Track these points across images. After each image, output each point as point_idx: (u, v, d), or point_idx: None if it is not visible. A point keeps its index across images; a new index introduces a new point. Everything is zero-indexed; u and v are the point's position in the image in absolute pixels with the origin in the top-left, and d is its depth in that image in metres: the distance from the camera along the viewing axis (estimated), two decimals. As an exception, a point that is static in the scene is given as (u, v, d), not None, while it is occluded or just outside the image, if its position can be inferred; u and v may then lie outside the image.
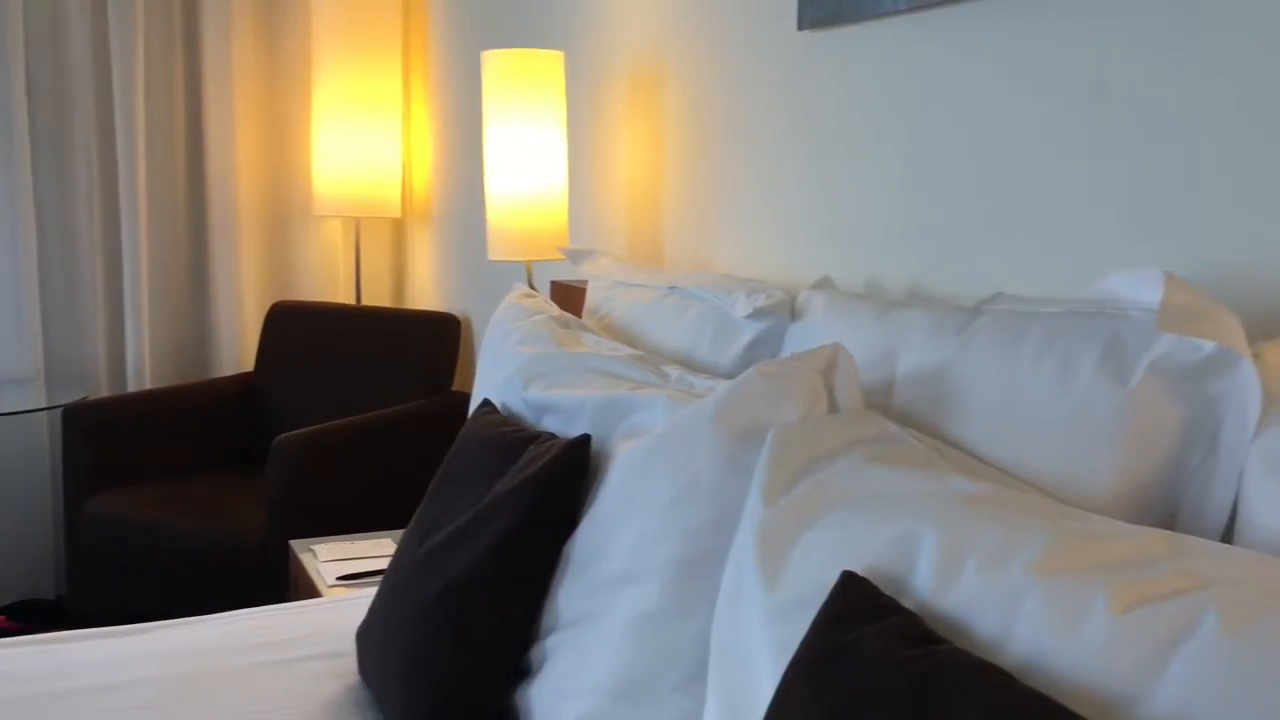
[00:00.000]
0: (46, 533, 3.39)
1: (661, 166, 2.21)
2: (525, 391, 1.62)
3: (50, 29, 3.29)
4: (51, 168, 3.33)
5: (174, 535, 2.78)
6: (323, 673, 1.58)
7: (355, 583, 2.15)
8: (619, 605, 1.23)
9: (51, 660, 1.64)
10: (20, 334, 3.29)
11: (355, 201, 3.38)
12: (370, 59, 3.36)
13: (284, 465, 2.67)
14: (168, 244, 3.47)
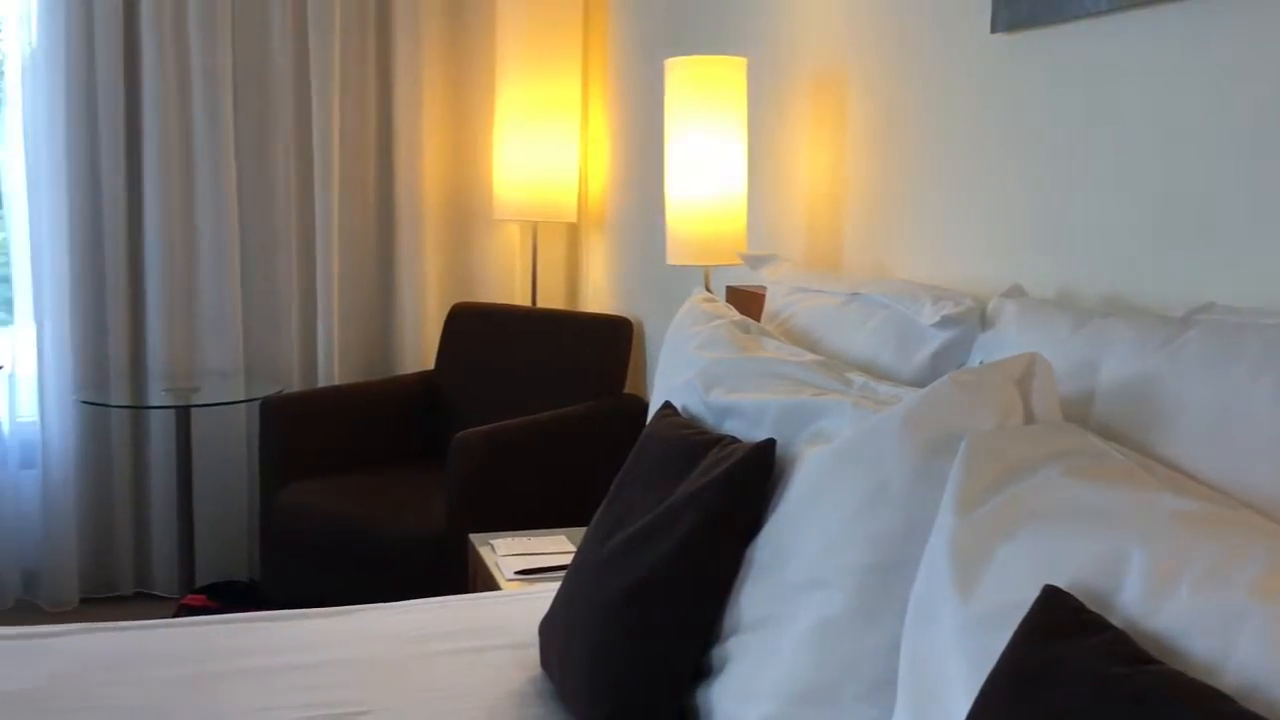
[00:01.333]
0: (242, 518, 3.59)
1: (842, 172, 2.20)
2: (707, 395, 1.64)
3: (255, 47, 3.49)
4: (254, 178, 3.53)
5: (359, 526, 2.90)
6: (507, 663, 1.63)
7: (533, 577, 2.20)
8: (803, 610, 1.23)
9: (251, 638, 1.74)
10: (223, 331, 3.50)
11: (533, 206, 3.47)
12: (551, 68, 3.44)
13: (464, 461, 2.75)
14: (357, 248, 3.63)
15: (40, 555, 3.45)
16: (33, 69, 3.32)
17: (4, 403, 3.42)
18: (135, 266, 3.46)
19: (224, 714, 1.47)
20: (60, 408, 3.40)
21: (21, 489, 3.45)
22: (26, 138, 3.35)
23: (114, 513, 3.51)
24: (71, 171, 3.34)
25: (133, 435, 3.51)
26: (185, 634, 1.74)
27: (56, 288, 3.37)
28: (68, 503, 3.42)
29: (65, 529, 3.42)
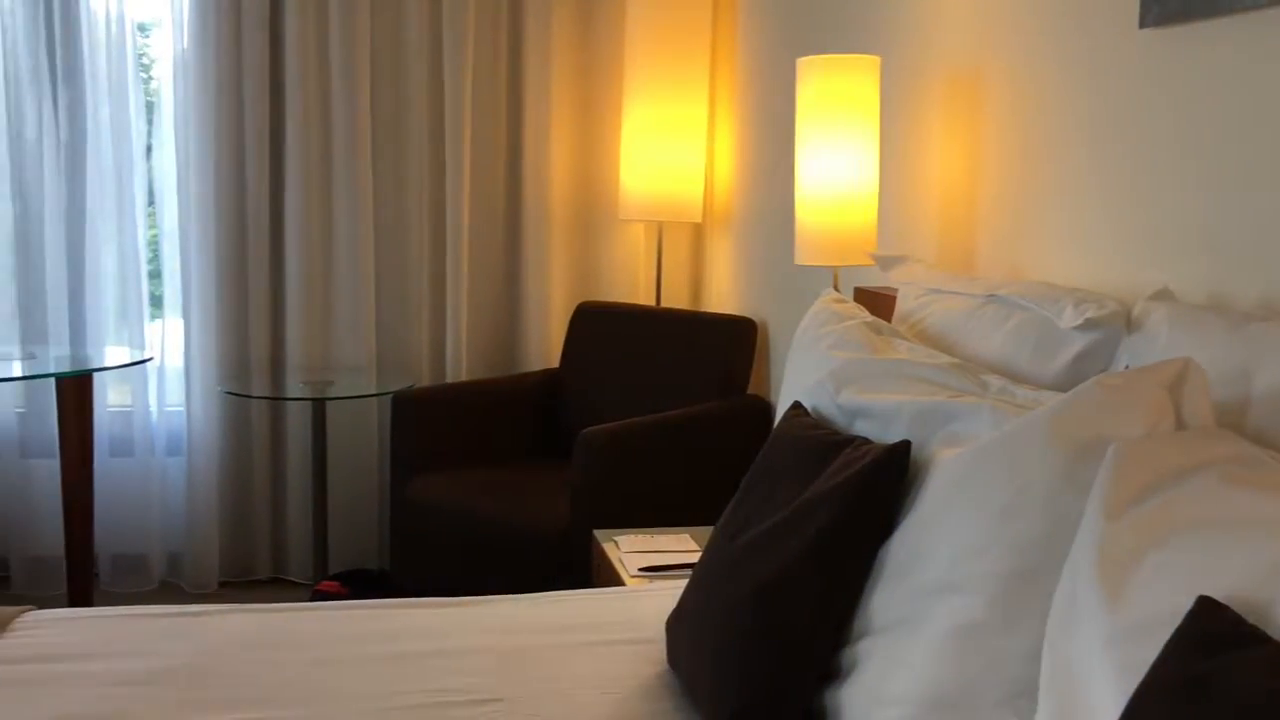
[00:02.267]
0: (372, 508, 3.69)
1: (977, 171, 2.16)
2: (837, 396, 1.63)
3: (392, 52, 3.59)
4: (388, 180, 3.63)
5: (484, 519, 2.96)
6: (634, 657, 1.65)
7: (657, 574, 2.22)
8: (938, 614, 1.21)
9: (387, 624, 1.79)
10: (357, 327, 3.61)
11: (658, 206, 3.49)
12: (679, 68, 3.46)
13: (588, 457, 2.79)
14: (486, 247, 3.70)
15: (184, 539, 3.61)
16: (184, 72, 3.47)
17: (153, 392, 3.58)
18: (276, 264, 3.59)
19: (362, 695, 1.52)
20: (204, 398, 3.55)
21: (168, 475, 3.61)
22: (178, 139, 3.51)
23: (253, 500, 3.64)
24: (219, 172, 3.49)
25: (271, 425, 3.64)
26: (326, 617, 1.80)
27: (203, 284, 3.52)
28: (210, 489, 3.56)
29: (207, 514, 3.57)
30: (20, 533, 3.52)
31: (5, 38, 3.41)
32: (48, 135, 3.43)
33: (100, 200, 3.48)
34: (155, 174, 3.60)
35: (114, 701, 1.49)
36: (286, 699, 1.50)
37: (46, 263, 3.47)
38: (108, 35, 3.43)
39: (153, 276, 3.66)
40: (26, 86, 3.42)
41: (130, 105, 3.47)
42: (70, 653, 1.63)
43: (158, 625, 1.74)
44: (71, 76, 3.44)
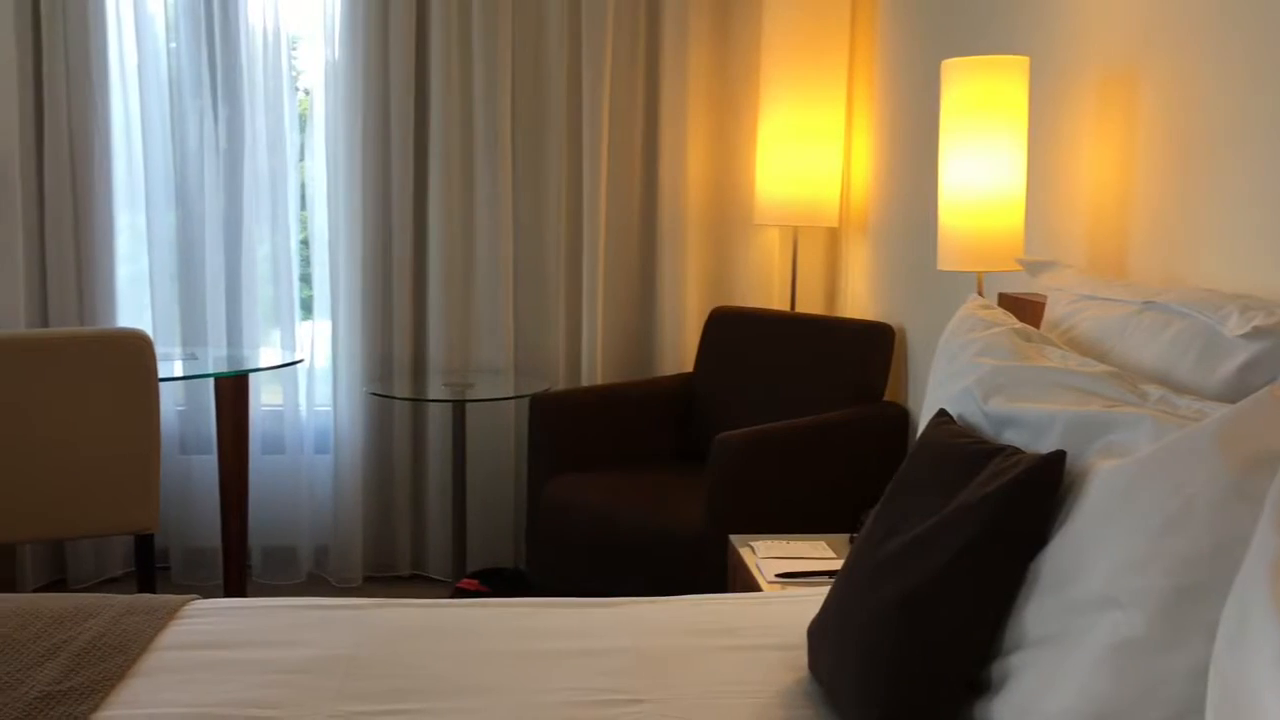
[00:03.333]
0: (509, 508, 3.77)
1: (1130, 175, 2.09)
2: (985, 403, 1.60)
3: (532, 61, 3.66)
4: (527, 186, 3.70)
5: (620, 521, 2.99)
6: (775, 663, 1.65)
7: (794, 581, 2.21)
8: (1095, 630, 1.18)
9: (533, 622, 1.83)
10: (496, 330, 3.69)
11: (794, 211, 3.47)
12: (816, 72, 3.44)
13: (723, 462, 2.79)
14: (622, 252, 3.74)
15: (330, 534, 3.74)
16: (334, 83, 3.61)
17: (303, 392, 3.72)
18: (419, 269, 3.70)
19: (511, 690, 1.56)
20: (350, 398, 3.68)
21: (316, 472, 3.75)
22: (328, 147, 3.64)
23: (395, 497, 3.76)
24: (366, 180, 3.61)
25: (413, 425, 3.75)
26: (473, 614, 1.85)
27: (350, 288, 3.64)
28: (355, 487, 3.69)
29: (352, 511, 3.69)
30: (179, 525, 3.70)
31: (170, 54, 3.59)
32: (208, 145, 3.61)
33: (255, 207, 3.64)
34: (307, 181, 3.75)
35: (277, 689, 1.55)
36: (439, 692, 1.55)
37: (206, 267, 3.64)
38: (264, 49, 3.58)
39: (303, 280, 3.80)
40: (189, 99, 3.60)
41: (284, 115, 3.62)
42: (235, 640, 1.71)
43: (316, 616, 1.82)
44: (230, 89, 3.60)
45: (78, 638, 1.66)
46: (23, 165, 3.48)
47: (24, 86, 3.46)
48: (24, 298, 3.51)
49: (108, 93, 3.54)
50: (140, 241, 3.65)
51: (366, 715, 1.48)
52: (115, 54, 3.55)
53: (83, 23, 3.48)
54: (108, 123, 3.55)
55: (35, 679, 1.52)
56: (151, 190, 3.61)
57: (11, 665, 1.57)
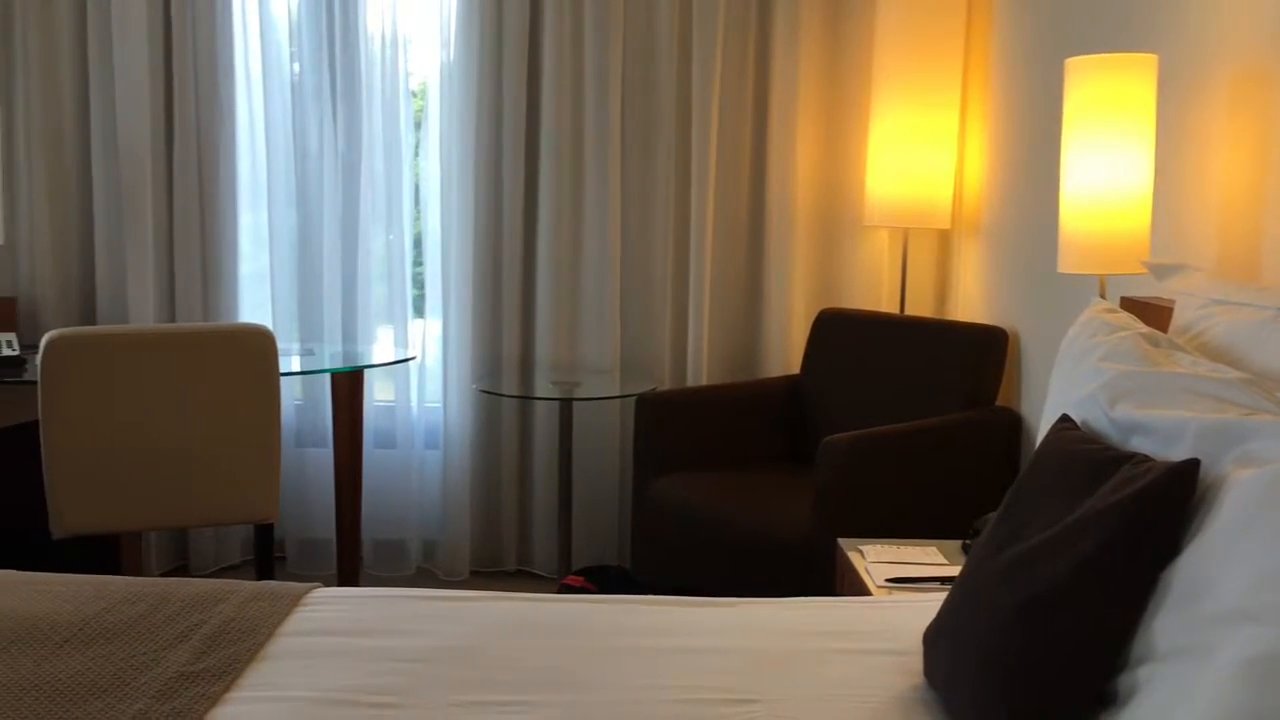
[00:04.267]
0: (613, 506, 3.79)
1: (1264, 175, 2.02)
2: (1111, 410, 1.56)
3: (643, 62, 3.68)
4: (636, 187, 3.72)
5: (725, 521, 2.99)
6: (889, 668, 1.63)
7: (905, 586, 2.19)
8: (1231, 644, 1.15)
9: (643, 620, 1.84)
10: (603, 330, 3.72)
11: (905, 212, 3.43)
12: (930, 70, 3.39)
13: (831, 465, 2.77)
14: (728, 253, 3.74)
15: (439, 528, 3.81)
16: (449, 84, 3.68)
17: (414, 388, 3.80)
18: (528, 269, 3.75)
19: (623, 686, 1.57)
20: (460, 394, 3.74)
21: (426, 467, 3.82)
22: (442, 147, 3.71)
23: (501, 494, 3.81)
24: (478, 180, 3.67)
25: (520, 423, 3.80)
26: (584, 610, 1.87)
27: (460, 286, 3.71)
28: (463, 482, 3.75)
29: (460, 506, 3.75)
30: (295, 516, 3.81)
31: (293, 60, 3.70)
32: (327, 147, 3.71)
33: (371, 207, 3.73)
34: (420, 181, 3.83)
35: (394, 676, 1.59)
36: (552, 686, 1.57)
37: (323, 266, 3.74)
38: (382, 53, 3.67)
39: (415, 279, 3.88)
40: (310, 103, 3.71)
41: (400, 118, 3.70)
42: (356, 628, 1.76)
43: (432, 607, 1.85)
44: (349, 93, 3.70)
45: (208, 621, 1.72)
46: (154, 167, 3.62)
47: (155, 93, 3.60)
48: (154, 293, 3.65)
49: (233, 98, 3.66)
50: (261, 240, 3.77)
51: (484, 705, 1.51)
52: (241, 61, 3.67)
53: (211, 31, 3.61)
54: (233, 126, 3.68)
55: (170, 659, 1.59)
56: (273, 191, 3.72)
57: (149, 645, 1.63)
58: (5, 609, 1.74)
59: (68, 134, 3.67)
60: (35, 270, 3.68)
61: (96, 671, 1.55)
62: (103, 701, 1.46)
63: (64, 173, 3.68)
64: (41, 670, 1.54)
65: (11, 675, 1.53)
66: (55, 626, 1.68)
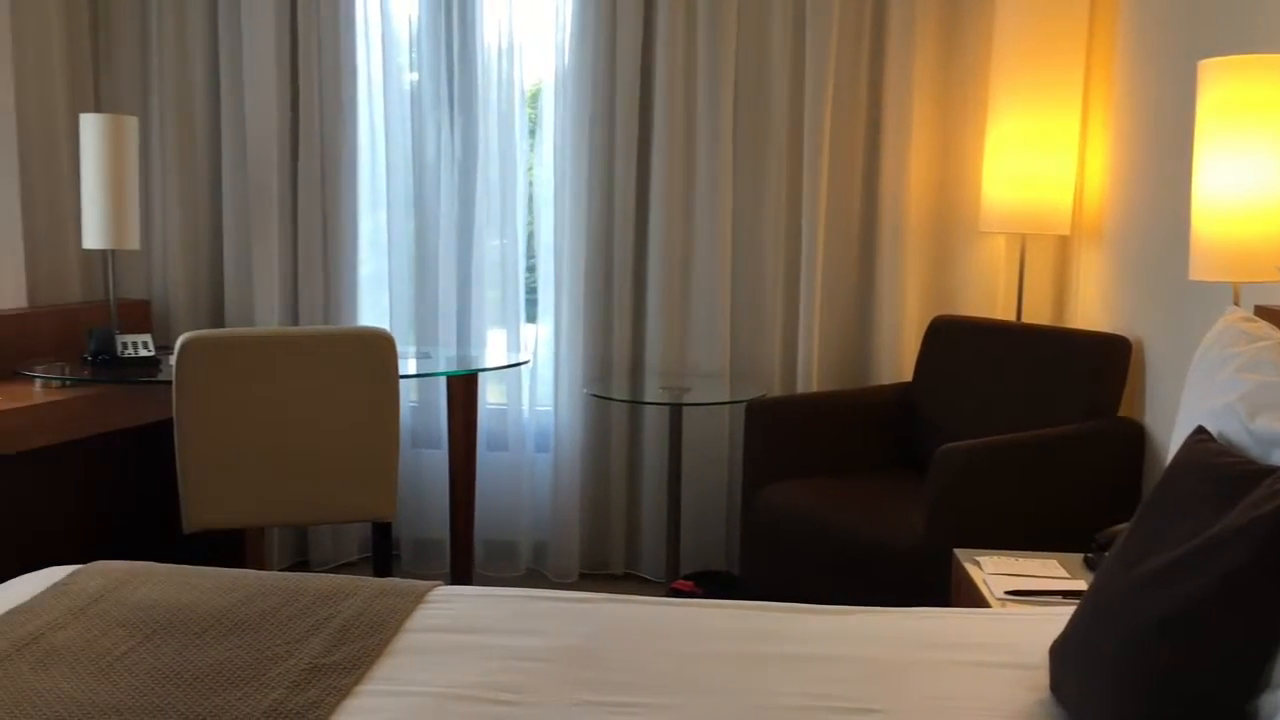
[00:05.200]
0: (721, 512, 3.80)
1: None
2: (1251, 422, 1.52)
3: (755, 67, 3.68)
4: (746, 193, 3.72)
5: (836, 529, 2.97)
6: (1013, 681, 1.61)
7: (1026, 599, 2.15)
8: (1385, 667, 1.10)
9: (760, 625, 1.84)
10: (713, 335, 3.72)
11: (1023, 218, 3.37)
12: (1049, 77, 3.32)
13: (946, 474, 2.73)
14: (840, 258, 3.71)
15: (548, 530, 3.86)
16: (563, 90, 3.72)
17: (526, 392, 3.85)
18: (639, 274, 3.78)
19: (743, 691, 1.57)
20: (570, 398, 3.78)
21: (536, 469, 3.87)
22: (556, 153, 3.76)
23: (611, 497, 3.84)
24: (590, 185, 3.71)
25: (629, 427, 3.83)
26: (701, 614, 1.88)
27: (572, 291, 3.75)
28: (573, 485, 3.79)
29: (570, 509, 3.80)
30: (409, 515, 3.89)
31: (413, 68, 3.79)
32: (444, 156, 3.79)
33: (486, 213, 3.80)
34: (536, 188, 3.88)
35: (516, 674, 1.62)
36: (672, 688, 1.58)
37: (439, 270, 3.82)
38: (498, 62, 3.74)
39: (527, 284, 3.94)
40: (428, 112, 3.79)
41: (515, 125, 3.76)
42: (477, 626, 1.80)
43: (551, 607, 1.88)
44: (466, 101, 3.77)
45: (338, 615, 1.78)
46: (279, 175, 3.74)
47: (281, 104, 3.73)
48: (278, 296, 3.77)
49: (355, 107, 3.77)
50: (380, 245, 3.87)
51: (605, 706, 1.53)
52: (363, 71, 3.78)
53: (335, 43, 3.72)
54: (354, 135, 3.78)
55: (303, 652, 1.64)
56: (391, 197, 3.82)
57: (283, 638, 1.69)
58: (149, 599, 1.82)
59: (199, 144, 3.82)
60: (167, 274, 3.83)
61: (234, 661, 1.61)
62: (241, 691, 1.52)
63: (195, 181, 3.83)
64: (183, 658, 1.61)
65: (156, 662, 1.60)
66: (195, 617, 1.75)
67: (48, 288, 3.61)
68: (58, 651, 1.62)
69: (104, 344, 3.20)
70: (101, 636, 1.68)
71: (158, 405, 3.20)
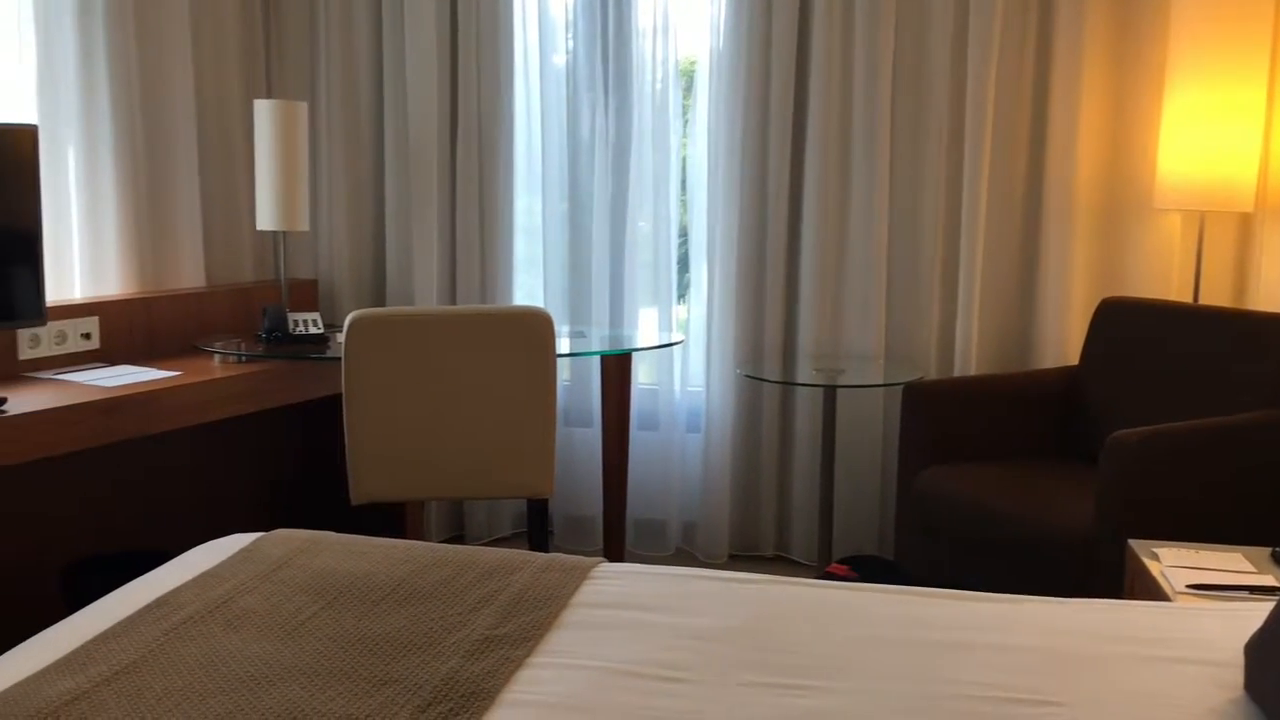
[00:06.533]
0: (874, 496, 3.74)
1: None
2: None
3: (915, 42, 3.58)
4: (904, 172, 3.64)
5: (998, 517, 2.89)
6: (1202, 679, 1.53)
7: (1209, 594, 2.05)
8: None
9: (927, 612, 1.80)
10: (868, 316, 3.66)
11: (1202, 194, 3.20)
12: (1232, 47, 3.14)
13: (1118, 462, 2.63)
14: (1002, 237, 3.60)
15: (698, 510, 3.86)
16: (718, 70, 3.70)
17: (677, 372, 3.86)
18: (792, 254, 3.74)
19: (914, 679, 1.54)
20: (722, 378, 3.77)
21: (687, 449, 3.88)
22: (710, 134, 3.75)
23: (760, 478, 3.82)
24: (744, 165, 3.68)
25: (781, 409, 3.80)
26: (865, 598, 1.85)
27: (725, 271, 3.73)
28: (723, 466, 3.79)
29: (720, 489, 3.79)
30: (561, 493, 3.95)
31: (569, 52, 3.82)
32: (599, 137, 3.81)
33: (639, 194, 3.81)
34: (689, 168, 3.87)
35: (683, 652, 1.62)
36: (842, 673, 1.56)
37: (593, 252, 3.85)
38: (653, 43, 3.74)
39: (679, 264, 3.94)
40: (583, 93, 3.82)
41: (669, 106, 3.76)
42: (641, 603, 1.81)
43: (713, 587, 1.88)
44: (621, 82, 3.79)
45: (507, 588, 1.81)
46: (439, 158, 3.83)
47: (442, 89, 3.81)
48: (436, 276, 3.86)
49: (512, 91, 3.82)
50: (535, 226, 3.93)
51: (772, 688, 1.52)
52: (520, 55, 3.83)
53: (494, 26, 3.78)
54: (511, 118, 3.84)
55: (476, 622, 1.68)
56: (546, 178, 3.87)
57: (456, 608, 1.73)
58: (327, 567, 1.89)
59: (363, 129, 3.93)
60: (333, 255, 3.96)
61: (411, 629, 1.65)
62: (419, 658, 1.56)
63: (359, 164, 3.95)
64: (363, 625, 1.67)
65: (338, 628, 1.66)
66: (372, 585, 1.81)
67: (223, 268, 3.78)
68: (247, 614, 1.69)
69: (277, 322, 3.34)
70: (285, 601, 1.75)
71: (326, 381, 3.32)
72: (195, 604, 1.72)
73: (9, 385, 2.80)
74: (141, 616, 1.67)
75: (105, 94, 3.25)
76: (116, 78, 3.26)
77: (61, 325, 3.05)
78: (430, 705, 1.42)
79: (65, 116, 3.19)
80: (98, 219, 3.30)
